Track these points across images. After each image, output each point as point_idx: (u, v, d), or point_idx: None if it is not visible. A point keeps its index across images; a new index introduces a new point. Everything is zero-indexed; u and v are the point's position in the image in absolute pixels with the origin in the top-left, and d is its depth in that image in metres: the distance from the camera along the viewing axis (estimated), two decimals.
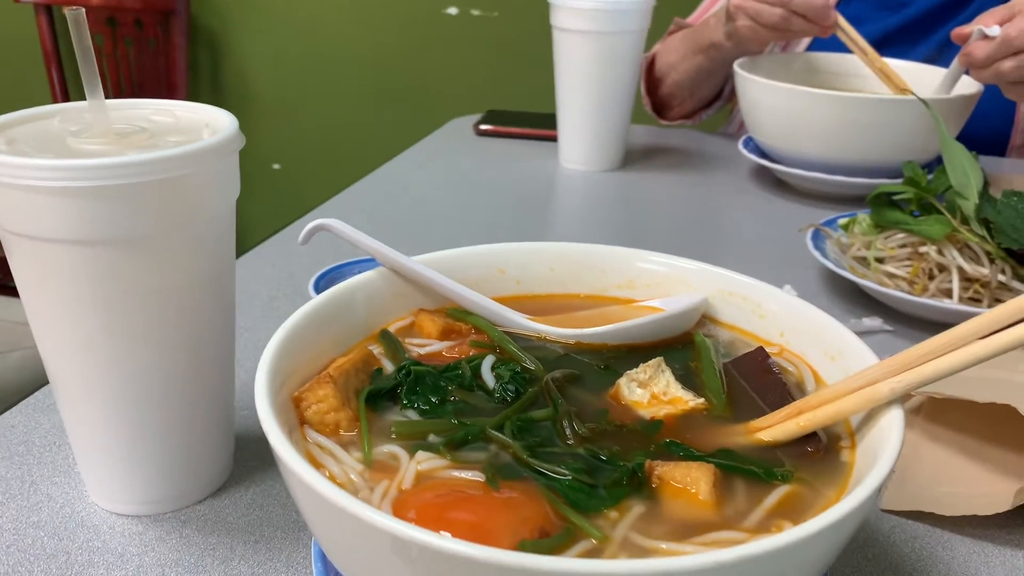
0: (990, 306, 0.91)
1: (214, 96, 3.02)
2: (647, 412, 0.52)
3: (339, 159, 2.95)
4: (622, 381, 0.53)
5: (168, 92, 2.84)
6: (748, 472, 0.47)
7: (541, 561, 0.35)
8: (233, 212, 0.62)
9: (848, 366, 0.53)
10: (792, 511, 0.45)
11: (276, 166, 3.04)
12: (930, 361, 0.46)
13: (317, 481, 0.39)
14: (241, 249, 1.09)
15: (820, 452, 0.49)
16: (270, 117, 2.98)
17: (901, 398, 0.47)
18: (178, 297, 0.57)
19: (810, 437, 0.49)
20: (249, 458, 0.69)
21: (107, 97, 0.59)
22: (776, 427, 0.49)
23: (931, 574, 0.60)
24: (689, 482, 0.45)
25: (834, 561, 0.45)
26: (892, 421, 0.46)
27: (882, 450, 0.44)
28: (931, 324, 0.92)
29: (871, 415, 0.48)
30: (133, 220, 0.54)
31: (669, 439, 0.49)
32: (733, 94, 1.69)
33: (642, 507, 0.44)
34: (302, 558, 0.59)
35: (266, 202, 2.97)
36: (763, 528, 0.43)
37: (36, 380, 0.60)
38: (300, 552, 0.59)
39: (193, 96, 2.97)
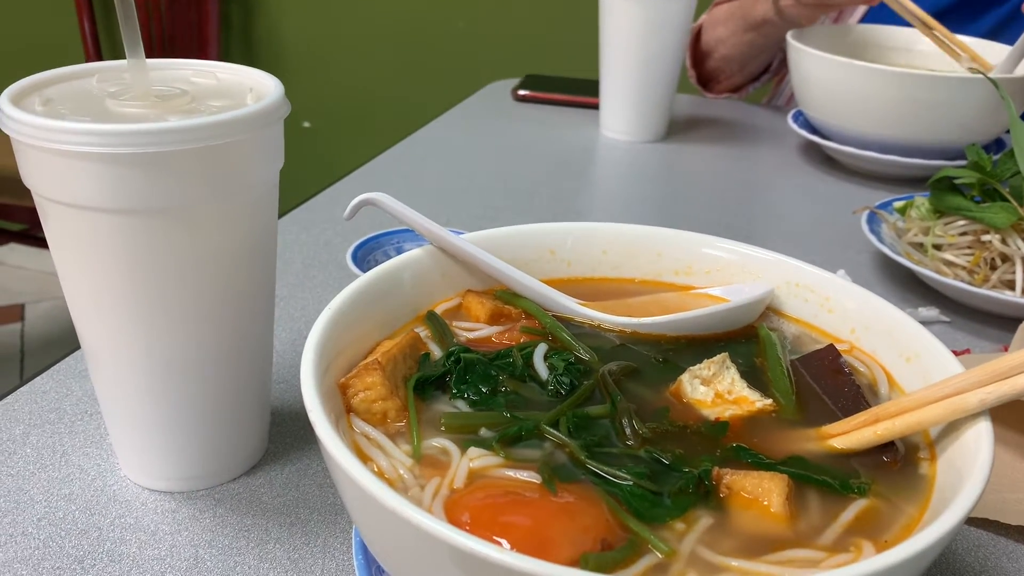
0: None
1: (245, 50, 2.98)
2: (711, 412, 0.49)
3: (370, 119, 2.92)
4: (684, 377, 0.50)
5: (199, 45, 2.80)
6: (822, 483, 0.44)
7: None
8: (276, 182, 0.59)
9: (926, 370, 0.49)
10: (870, 528, 0.42)
11: (306, 124, 3.01)
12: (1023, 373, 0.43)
13: (369, 481, 0.37)
14: None
15: (898, 463, 0.46)
16: (301, 73, 2.94)
17: (988, 411, 0.44)
18: (217, 269, 0.55)
19: (887, 447, 0.46)
20: (285, 434, 0.67)
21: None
22: (851, 434, 0.46)
23: None
24: (761, 493, 0.42)
25: None
26: (980, 434, 0.43)
27: (971, 467, 0.41)
28: (991, 316, 0.88)
29: (953, 425, 0.45)
30: (173, 189, 0.51)
31: (736, 443, 0.46)
32: (781, 67, 1.63)
33: (710, 519, 0.41)
34: (339, 544, 0.57)
35: (295, 161, 2.93)
36: (840, 547, 0.40)
37: (63, 331, 0.58)
38: (338, 538, 0.57)
39: (224, 49, 2.94)
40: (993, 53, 1.29)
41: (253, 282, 0.58)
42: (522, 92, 1.55)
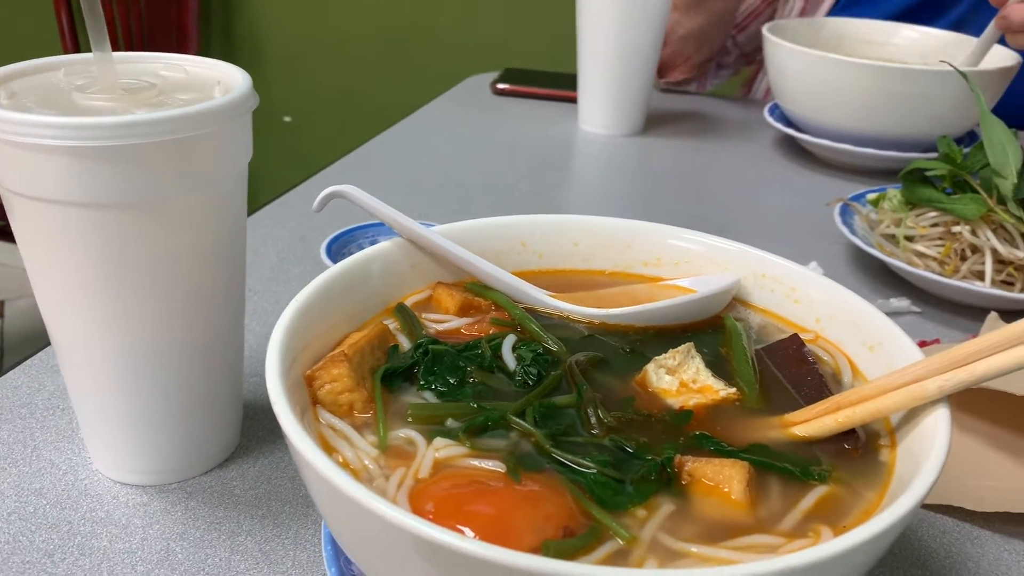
0: (1023, 290, 0.88)
1: (226, 45, 2.96)
2: (676, 401, 0.49)
3: (352, 113, 2.91)
4: (650, 367, 0.51)
5: (179, 40, 2.78)
6: (783, 471, 0.44)
7: (571, 569, 0.33)
8: (245, 174, 0.59)
9: (889, 358, 0.50)
10: (829, 514, 0.42)
11: (287, 119, 3.00)
12: (982, 360, 0.43)
13: (331, 472, 0.37)
14: (250, 206, 1.07)
15: (859, 450, 0.46)
16: (282, 68, 2.92)
17: (948, 397, 0.44)
18: (186, 263, 0.55)
19: (848, 434, 0.47)
20: (257, 428, 0.67)
21: (117, 44, 0.56)
22: (813, 422, 0.47)
23: (960, 571, 0.58)
24: (722, 480, 0.42)
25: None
26: (938, 420, 0.43)
27: (927, 452, 0.42)
28: (962, 307, 0.89)
29: (913, 412, 0.46)
30: (140, 182, 0.51)
31: (699, 431, 0.47)
32: (746, 60, 1.65)
33: (671, 505, 0.42)
34: (311, 535, 0.57)
35: (276, 156, 2.92)
36: (799, 532, 0.41)
37: (42, 329, 0.58)
38: (309, 529, 0.58)
39: (204, 44, 2.92)
40: (960, 46, 1.30)
41: (223, 275, 0.58)
42: (501, 86, 1.55)
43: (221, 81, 0.57)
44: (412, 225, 0.57)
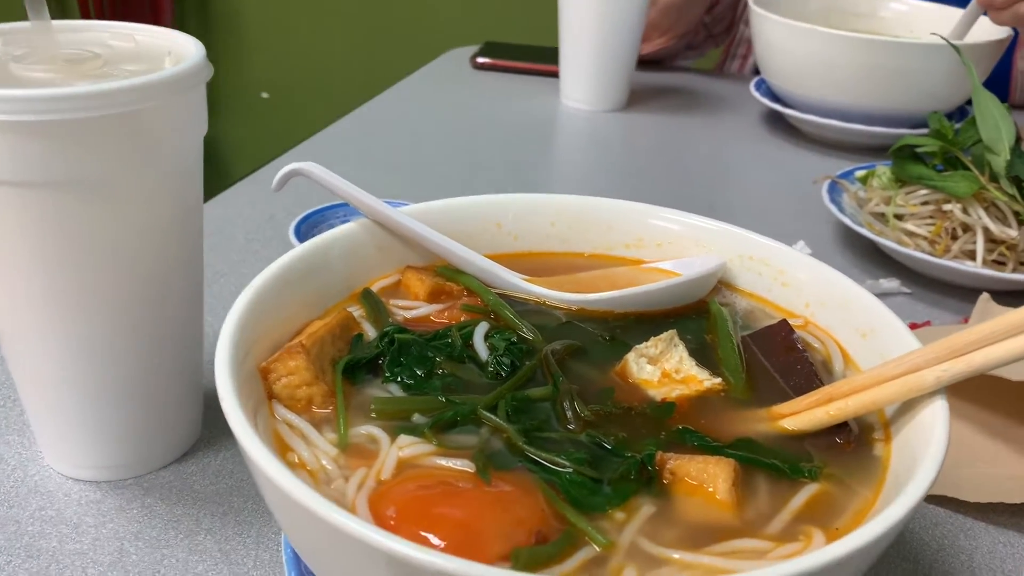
0: (1015, 270, 0.85)
1: (201, 19, 2.89)
2: (658, 392, 0.46)
3: (331, 89, 2.85)
4: (630, 357, 0.48)
5: (153, 12, 2.71)
6: (771, 467, 0.41)
7: None
8: (200, 151, 0.55)
9: (883, 346, 0.47)
10: (821, 514, 0.40)
11: (265, 95, 2.94)
12: (980, 349, 0.41)
13: (281, 476, 0.34)
14: (225, 185, 1.03)
15: (851, 445, 0.43)
16: (260, 43, 2.86)
17: (945, 389, 0.42)
18: (137, 246, 0.51)
19: (840, 427, 0.44)
20: (220, 420, 0.62)
21: (88, 16, 0.52)
22: (802, 415, 0.44)
23: (952, 564, 0.56)
24: (706, 479, 0.40)
25: None
26: (935, 413, 0.41)
27: (925, 447, 0.39)
28: (952, 287, 0.87)
29: (909, 404, 0.43)
30: (84, 160, 0.47)
31: (682, 425, 0.44)
32: (714, 42, 1.61)
33: (652, 507, 0.39)
34: (274, 534, 0.54)
35: (254, 133, 2.87)
36: (789, 536, 0.38)
37: None
38: (272, 527, 0.54)
39: (179, 19, 2.85)
40: (944, 18, 1.27)
41: (176, 259, 0.54)
42: (481, 60, 1.51)
43: (172, 51, 0.54)
44: (378, 205, 0.53)
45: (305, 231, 0.80)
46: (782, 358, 0.48)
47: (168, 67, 0.51)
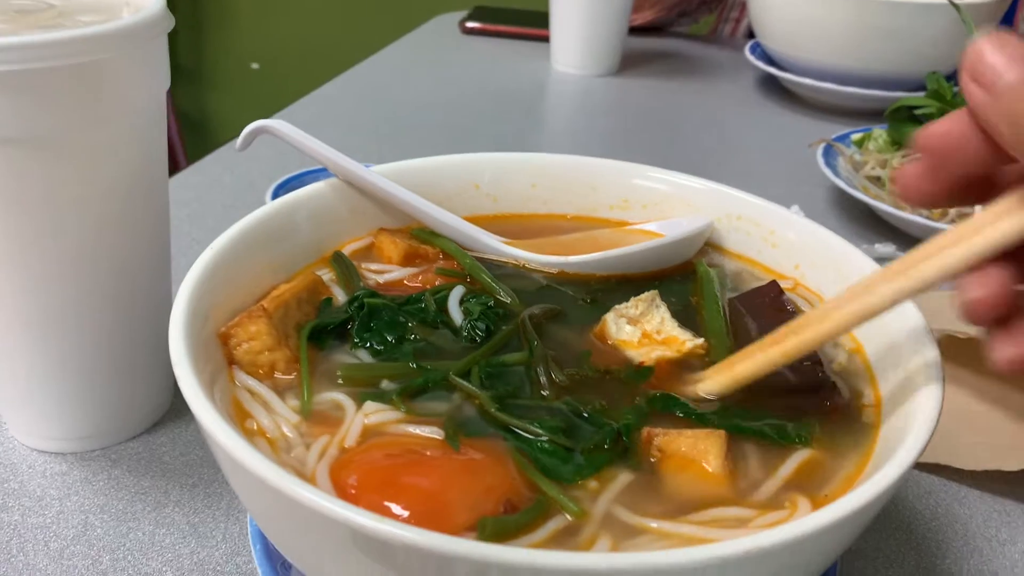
0: None
1: None
2: (637, 354, 0.44)
3: (323, 59, 2.80)
4: (609, 316, 0.46)
5: None
6: (760, 434, 0.39)
7: (501, 553, 0.28)
8: (163, 107, 0.53)
9: None
10: (807, 481, 0.38)
11: (255, 65, 2.89)
12: (930, 260, 0.38)
13: (227, 438, 0.32)
14: (204, 153, 1.00)
15: (839, 407, 0.41)
16: (249, 14, 2.81)
17: (940, 348, 0.40)
18: (98, 207, 0.49)
19: (828, 390, 0.42)
20: None
21: None
22: (757, 356, 0.41)
23: (947, 533, 0.54)
24: (697, 455, 0.37)
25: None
26: (929, 376, 0.39)
27: (916, 411, 0.37)
28: None
29: (901, 369, 0.41)
30: (37, 114, 0.45)
31: (661, 391, 0.42)
32: (707, 8, 1.58)
33: (628, 476, 0.37)
34: (243, 507, 0.52)
35: (244, 104, 2.83)
36: (774, 503, 0.36)
37: None
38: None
39: None
40: None
41: (139, 218, 0.52)
42: (470, 24, 1.47)
43: (130, 2, 0.51)
44: (349, 164, 0.51)
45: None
46: (769, 319, 0.46)
47: (126, 16, 0.48)
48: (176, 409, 0.60)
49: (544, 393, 0.41)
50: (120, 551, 0.49)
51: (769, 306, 0.47)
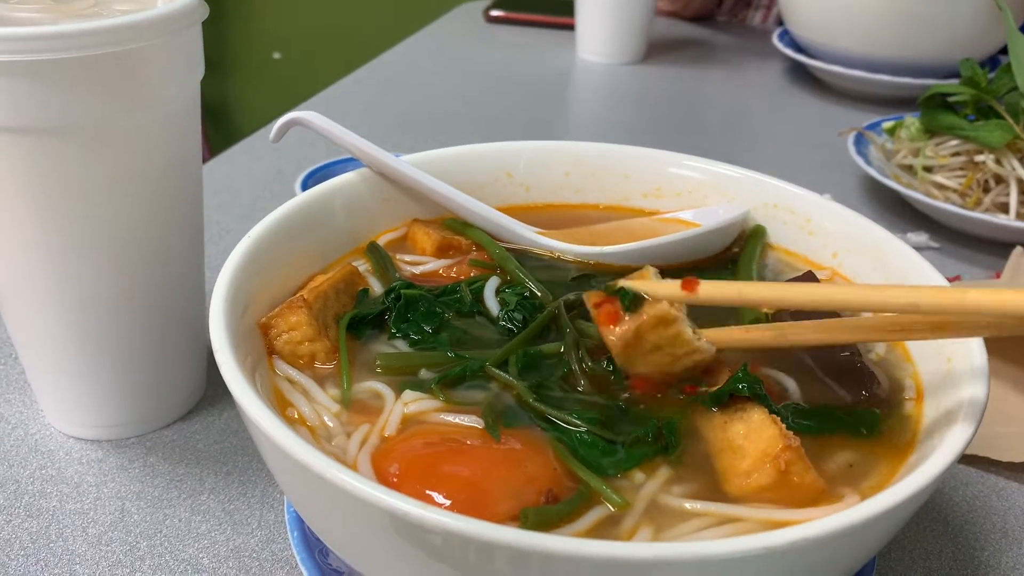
0: None
1: None
2: None
3: (344, 49, 2.80)
4: None
5: None
6: (836, 424, 0.39)
7: (543, 541, 0.28)
8: (197, 97, 0.53)
9: None
10: (852, 473, 0.37)
11: (277, 55, 2.90)
12: None
13: (272, 426, 0.32)
14: (226, 143, 1.01)
15: (878, 398, 0.41)
16: (270, 3, 2.81)
17: (985, 344, 0.39)
18: (134, 195, 0.49)
19: (867, 379, 0.41)
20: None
21: None
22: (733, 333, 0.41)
23: (984, 525, 0.53)
24: (750, 444, 0.37)
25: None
26: (974, 369, 0.38)
27: (961, 406, 0.37)
28: (983, 242, 0.84)
29: (943, 358, 0.41)
30: (74, 103, 0.45)
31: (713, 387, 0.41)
32: (746, 2, 1.57)
33: (671, 468, 0.37)
34: (279, 494, 0.52)
35: (266, 94, 2.84)
36: (823, 495, 0.36)
37: None
38: (277, 488, 0.53)
39: None
40: None
41: (173, 208, 0.52)
42: (494, 13, 1.47)
43: None
44: (381, 155, 0.51)
45: (312, 186, 0.78)
46: (808, 312, 0.46)
47: (161, 5, 0.48)
48: (209, 397, 0.60)
49: (582, 385, 0.41)
50: (157, 537, 0.49)
51: None
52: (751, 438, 0.36)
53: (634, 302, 0.38)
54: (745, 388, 0.38)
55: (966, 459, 0.57)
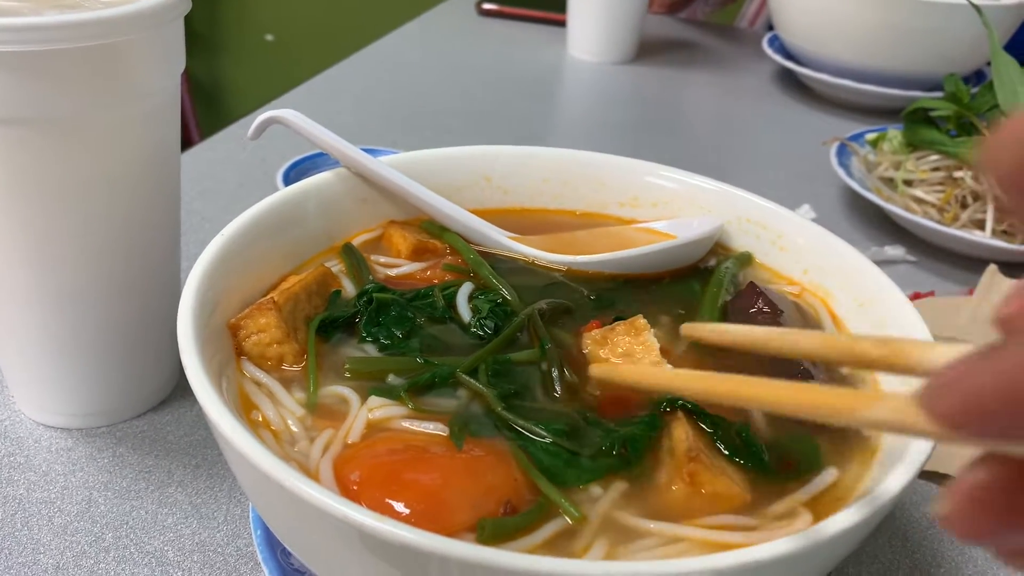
0: None
1: None
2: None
3: (336, 32, 2.79)
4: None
5: None
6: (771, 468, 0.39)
7: (495, 557, 0.29)
8: (178, 89, 0.53)
9: (879, 317, 0.45)
10: (811, 492, 0.38)
11: (269, 37, 2.88)
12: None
13: (234, 431, 0.32)
14: (217, 123, 1.00)
15: None
16: None
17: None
18: (110, 189, 0.49)
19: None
20: None
21: None
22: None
23: (942, 541, 0.54)
24: (721, 492, 0.37)
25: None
26: None
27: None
28: (959, 257, 0.84)
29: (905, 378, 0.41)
30: (53, 95, 0.45)
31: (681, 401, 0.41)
32: None
33: (631, 482, 0.37)
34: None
35: (258, 76, 2.82)
36: (775, 513, 0.37)
37: None
38: None
39: None
40: None
41: (150, 201, 0.52)
42: (487, 6, 1.47)
43: None
44: (358, 156, 0.51)
45: (294, 178, 0.78)
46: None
47: None
48: (182, 388, 0.60)
49: (554, 395, 0.41)
50: (123, 529, 0.49)
51: (745, 308, 0.47)
52: (672, 451, 0.37)
53: None
54: (680, 402, 0.39)
55: (926, 475, 0.58)
